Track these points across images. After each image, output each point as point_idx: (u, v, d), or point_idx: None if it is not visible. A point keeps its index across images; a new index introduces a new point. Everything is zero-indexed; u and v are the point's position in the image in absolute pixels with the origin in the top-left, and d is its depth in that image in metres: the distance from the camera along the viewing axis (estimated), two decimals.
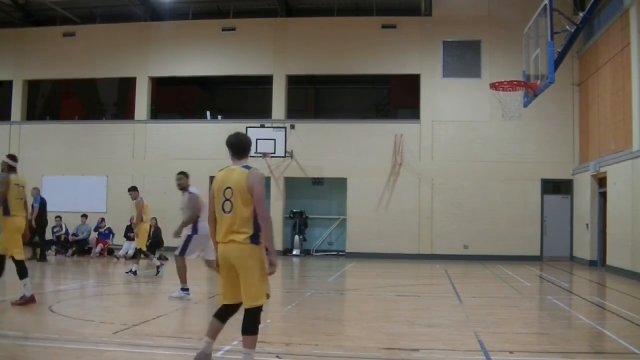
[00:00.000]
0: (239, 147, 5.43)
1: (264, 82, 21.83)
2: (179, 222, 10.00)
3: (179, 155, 20.73)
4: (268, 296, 5.06)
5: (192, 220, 9.68)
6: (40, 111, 24.80)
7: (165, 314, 8.34)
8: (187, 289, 9.68)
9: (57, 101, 25.20)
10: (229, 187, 5.10)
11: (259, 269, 4.97)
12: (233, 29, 21.15)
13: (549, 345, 6.70)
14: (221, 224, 5.05)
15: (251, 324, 5.06)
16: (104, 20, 22.38)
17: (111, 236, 18.79)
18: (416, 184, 19.74)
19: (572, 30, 11.27)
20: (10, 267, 8.65)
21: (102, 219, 18.91)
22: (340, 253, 20.35)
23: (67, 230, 18.66)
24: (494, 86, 12.56)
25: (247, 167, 5.23)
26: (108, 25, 21.99)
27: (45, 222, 16.80)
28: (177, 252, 9.81)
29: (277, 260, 5.16)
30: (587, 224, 17.56)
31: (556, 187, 19.63)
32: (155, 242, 17.69)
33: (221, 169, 5.40)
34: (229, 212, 5.02)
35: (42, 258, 16.02)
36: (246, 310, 5.02)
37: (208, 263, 9.74)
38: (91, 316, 8.11)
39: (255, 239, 4.97)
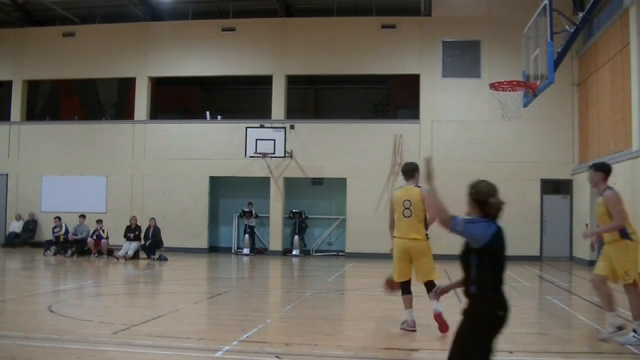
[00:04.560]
0: (405, 172, 7.39)
1: (264, 82, 21.84)
2: (179, 222, 9.99)
3: (179, 156, 20.74)
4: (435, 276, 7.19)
5: None
6: (40, 111, 24.80)
7: (165, 314, 8.34)
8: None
9: (57, 101, 25.20)
10: (407, 200, 7.13)
11: (430, 256, 7.26)
12: (233, 29, 21.15)
13: (548, 345, 6.70)
14: (402, 225, 7.13)
15: (431, 288, 7.00)
16: (103, 20, 22.37)
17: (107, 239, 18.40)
18: None
19: (572, 30, 11.27)
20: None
21: (100, 220, 18.72)
22: (340, 253, 20.34)
23: (67, 230, 18.66)
24: (493, 86, 12.56)
25: (418, 186, 7.25)
26: (108, 25, 21.98)
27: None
28: None
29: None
30: (586, 224, 17.55)
31: (556, 187, 19.62)
32: (155, 242, 17.69)
33: (397, 189, 7.48)
34: (409, 217, 7.11)
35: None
36: (425, 283, 7.21)
37: None
38: (91, 316, 8.12)
39: (427, 237, 7.22)
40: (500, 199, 3.89)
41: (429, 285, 7.14)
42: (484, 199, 3.87)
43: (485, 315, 3.67)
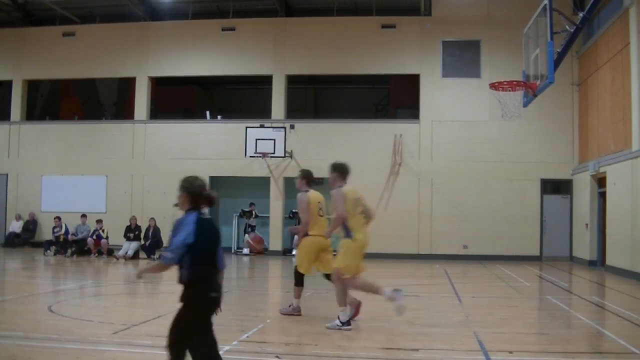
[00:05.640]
0: (310, 178, 8.44)
1: (264, 82, 21.83)
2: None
3: (179, 155, 20.73)
4: None
5: None
6: (40, 111, 24.79)
7: (165, 314, 8.32)
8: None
9: (57, 101, 25.18)
10: (320, 202, 8.26)
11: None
12: (233, 29, 21.14)
13: (548, 345, 6.71)
14: (321, 223, 8.13)
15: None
16: (103, 20, 22.37)
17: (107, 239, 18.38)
18: (415, 184, 19.74)
19: (572, 30, 11.27)
20: None
21: (100, 220, 18.70)
22: None
23: (67, 230, 18.66)
24: (493, 86, 12.56)
25: (306, 190, 8.35)
26: (108, 25, 21.98)
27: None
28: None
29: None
30: (586, 224, 17.56)
31: (556, 187, 19.62)
32: (154, 242, 17.69)
33: (305, 191, 8.27)
34: (323, 217, 8.24)
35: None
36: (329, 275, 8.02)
37: None
38: (91, 316, 8.11)
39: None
40: (212, 192, 4.31)
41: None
42: (199, 193, 4.22)
43: (201, 297, 4.10)
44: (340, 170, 7.80)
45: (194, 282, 4.11)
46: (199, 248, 4.10)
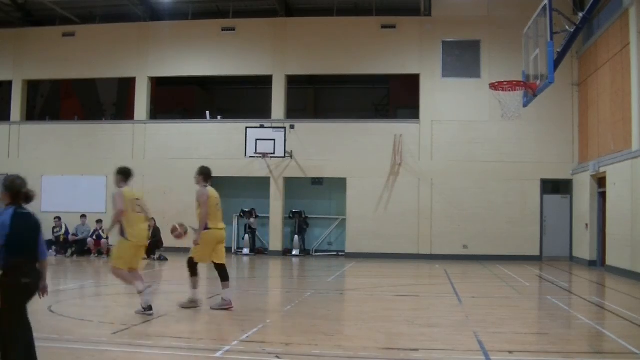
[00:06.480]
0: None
1: (264, 82, 21.82)
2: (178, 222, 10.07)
3: (179, 156, 20.72)
4: None
5: None
6: (40, 111, 24.79)
7: (165, 314, 8.34)
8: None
9: (57, 101, 25.18)
10: (218, 197, 9.09)
11: None
12: (233, 29, 21.14)
13: (548, 345, 6.71)
14: (218, 217, 8.86)
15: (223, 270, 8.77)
16: (103, 20, 22.37)
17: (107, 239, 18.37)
18: (415, 184, 19.74)
19: (572, 30, 11.27)
20: None
21: (100, 220, 18.74)
22: (340, 253, 20.34)
23: (67, 230, 18.65)
24: (493, 86, 12.56)
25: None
26: (108, 25, 21.97)
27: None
28: None
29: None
30: (586, 224, 17.57)
31: (556, 187, 19.63)
32: (155, 242, 17.69)
33: (205, 187, 9.09)
34: (219, 210, 8.93)
35: None
36: (220, 264, 8.82)
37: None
38: (91, 316, 8.12)
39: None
40: (30, 190, 4.83)
41: (222, 268, 8.74)
42: (19, 190, 4.72)
43: (12, 282, 4.50)
44: (124, 174, 8.90)
45: (8, 269, 4.51)
46: (14, 239, 4.53)
